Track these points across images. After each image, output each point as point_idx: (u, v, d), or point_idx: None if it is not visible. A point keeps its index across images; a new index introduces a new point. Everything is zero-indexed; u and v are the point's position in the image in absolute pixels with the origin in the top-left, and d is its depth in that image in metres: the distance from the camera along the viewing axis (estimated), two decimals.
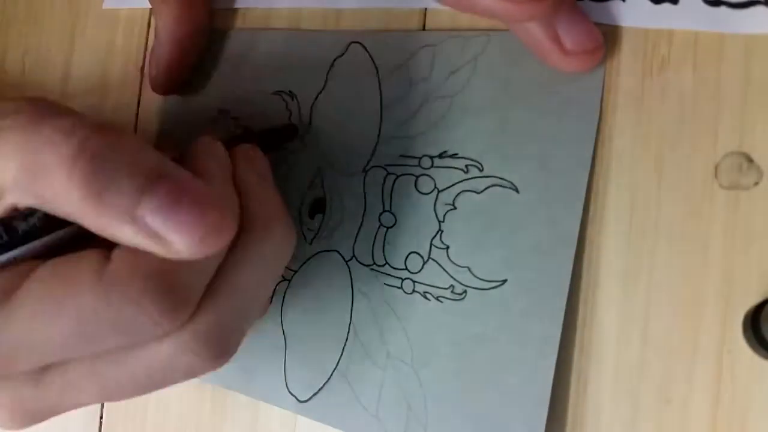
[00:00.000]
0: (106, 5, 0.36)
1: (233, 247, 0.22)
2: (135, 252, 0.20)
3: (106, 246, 0.20)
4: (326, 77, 0.30)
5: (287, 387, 0.29)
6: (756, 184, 0.22)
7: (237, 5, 0.33)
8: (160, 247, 0.19)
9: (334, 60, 0.29)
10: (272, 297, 0.29)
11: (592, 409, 0.24)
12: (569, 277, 0.24)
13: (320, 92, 0.30)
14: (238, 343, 0.23)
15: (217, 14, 0.33)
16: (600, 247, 0.24)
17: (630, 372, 0.23)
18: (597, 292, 0.24)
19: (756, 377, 0.21)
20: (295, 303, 0.29)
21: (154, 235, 0.19)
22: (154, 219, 0.19)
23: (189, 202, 0.19)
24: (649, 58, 0.24)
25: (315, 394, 0.28)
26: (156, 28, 0.32)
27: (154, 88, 0.33)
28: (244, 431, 0.30)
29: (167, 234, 0.19)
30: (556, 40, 0.24)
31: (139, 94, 0.35)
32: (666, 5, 0.23)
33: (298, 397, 0.28)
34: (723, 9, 0.23)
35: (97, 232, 0.20)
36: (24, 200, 0.20)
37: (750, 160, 0.22)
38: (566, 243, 0.24)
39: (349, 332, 0.28)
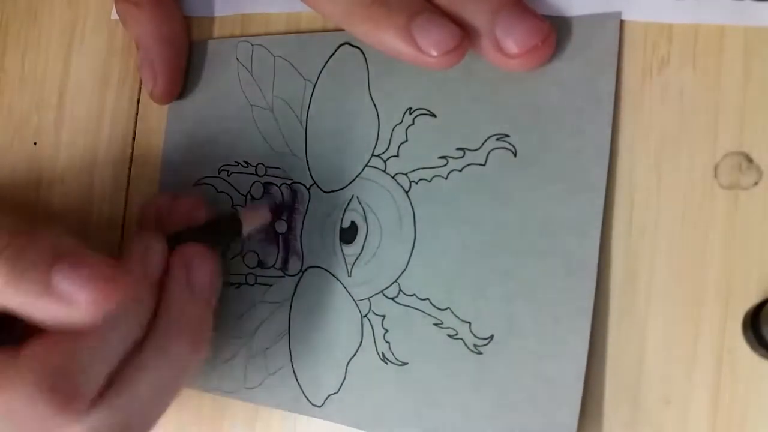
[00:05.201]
0: (114, 16, 0.36)
1: (134, 351, 0.25)
2: (38, 349, 0.23)
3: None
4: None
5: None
6: (755, 184, 0.22)
7: (233, 12, 0.33)
8: (68, 308, 0.22)
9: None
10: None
11: (593, 409, 0.24)
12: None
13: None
14: None
15: (212, 22, 0.33)
16: (600, 247, 0.24)
17: (630, 372, 0.23)
18: (597, 292, 0.24)
19: (756, 377, 0.21)
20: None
21: (63, 298, 0.22)
22: (62, 282, 0.22)
23: (88, 264, 0.23)
24: (649, 57, 0.24)
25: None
26: (137, 39, 0.32)
27: (157, 98, 0.32)
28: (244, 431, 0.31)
29: (72, 291, 0.22)
30: (498, 48, 0.24)
31: (139, 94, 0.35)
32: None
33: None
34: (747, 2, 0.22)
35: (19, 311, 0.23)
36: None
37: (750, 160, 0.22)
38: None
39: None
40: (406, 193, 0.27)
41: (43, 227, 0.28)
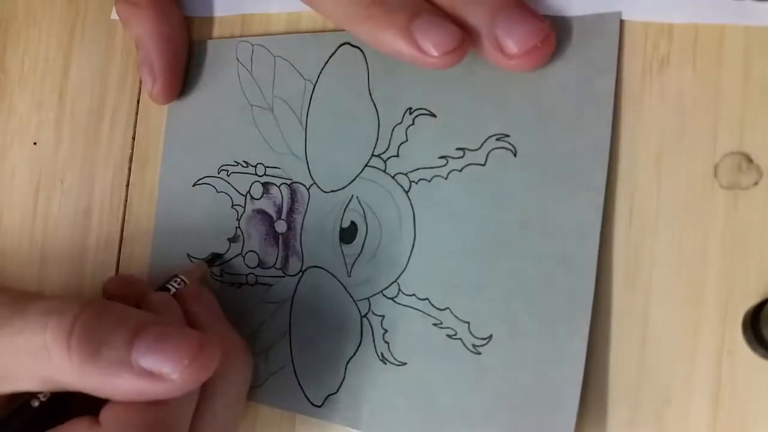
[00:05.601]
0: (114, 16, 0.36)
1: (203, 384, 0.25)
2: (122, 410, 0.23)
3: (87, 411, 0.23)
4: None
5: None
6: (755, 183, 0.22)
7: (233, 12, 0.33)
8: (156, 384, 0.22)
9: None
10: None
11: (593, 409, 0.24)
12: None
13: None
14: None
15: (212, 22, 0.33)
16: (600, 247, 0.24)
17: (630, 372, 0.23)
18: (597, 292, 0.24)
19: (756, 377, 0.21)
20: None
21: (149, 374, 0.22)
22: (145, 359, 0.22)
23: (172, 338, 0.23)
24: (649, 57, 0.24)
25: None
26: (137, 39, 0.32)
27: (156, 98, 0.32)
28: None
29: (160, 367, 0.22)
30: (498, 48, 0.24)
31: (139, 94, 0.35)
32: None
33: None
34: (747, 2, 0.22)
35: (96, 391, 0.23)
36: (26, 386, 0.23)
37: (749, 160, 0.22)
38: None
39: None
40: (406, 193, 0.27)
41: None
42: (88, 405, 0.23)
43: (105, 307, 0.24)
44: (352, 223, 0.28)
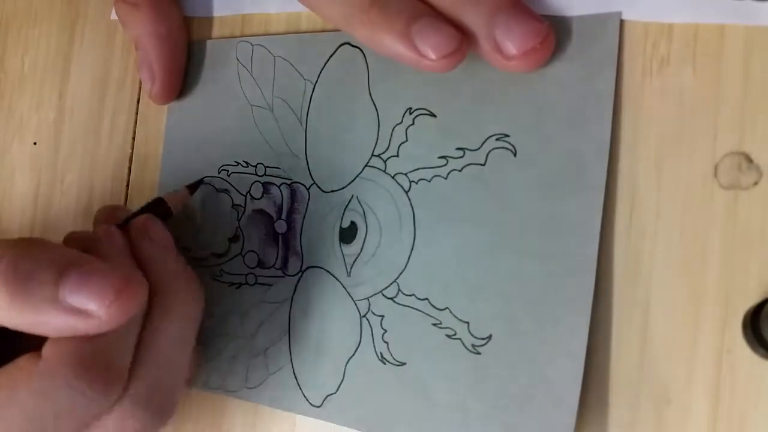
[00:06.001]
0: (114, 16, 0.36)
1: (147, 316, 0.26)
2: (62, 343, 0.23)
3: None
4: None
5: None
6: (755, 183, 0.22)
7: (233, 12, 0.33)
8: (83, 320, 0.23)
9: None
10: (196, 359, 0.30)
11: (593, 409, 0.24)
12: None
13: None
14: (174, 402, 0.26)
15: (212, 22, 0.33)
16: (600, 247, 0.24)
17: (630, 372, 0.23)
18: (596, 292, 0.24)
19: (756, 377, 0.21)
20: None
21: (77, 311, 0.23)
22: (72, 296, 0.23)
23: (97, 276, 0.23)
24: (649, 57, 0.24)
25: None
26: (136, 39, 0.32)
27: (155, 98, 0.32)
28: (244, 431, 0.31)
29: (86, 304, 0.23)
30: (497, 49, 0.24)
31: (139, 94, 0.35)
32: None
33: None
34: (747, 2, 0.22)
35: (26, 328, 0.23)
36: None
37: (749, 160, 0.22)
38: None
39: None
40: (406, 193, 0.27)
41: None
42: (36, 344, 0.24)
43: (33, 244, 0.24)
44: (352, 223, 0.28)
